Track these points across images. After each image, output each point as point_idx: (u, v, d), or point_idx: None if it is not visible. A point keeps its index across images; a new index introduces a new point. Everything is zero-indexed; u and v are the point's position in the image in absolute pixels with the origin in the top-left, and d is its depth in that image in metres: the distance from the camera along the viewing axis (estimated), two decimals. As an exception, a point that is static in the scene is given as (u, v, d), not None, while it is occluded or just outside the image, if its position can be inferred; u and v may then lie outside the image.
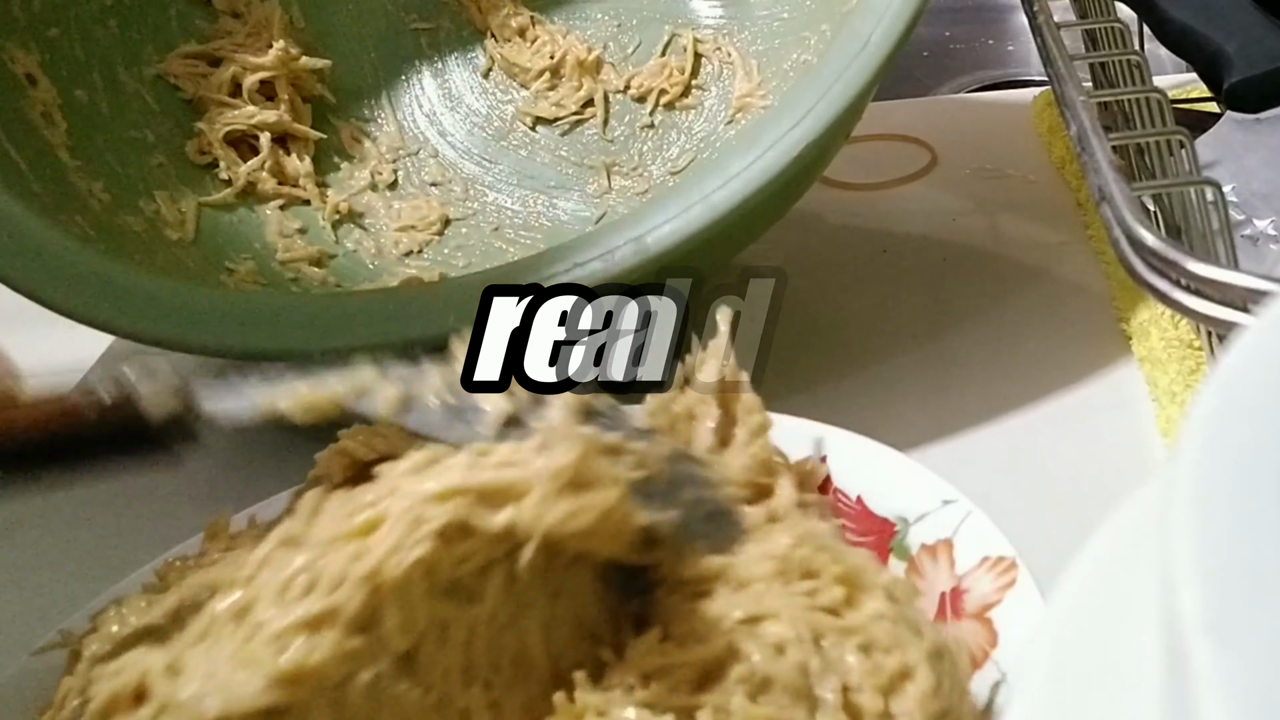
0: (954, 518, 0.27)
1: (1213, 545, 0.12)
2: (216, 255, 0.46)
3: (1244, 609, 0.11)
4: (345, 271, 0.48)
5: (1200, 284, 0.27)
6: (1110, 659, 0.14)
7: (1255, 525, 0.12)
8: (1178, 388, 0.36)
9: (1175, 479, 0.12)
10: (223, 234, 0.48)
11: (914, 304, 0.45)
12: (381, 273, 0.48)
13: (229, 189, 0.49)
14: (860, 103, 0.35)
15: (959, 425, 0.37)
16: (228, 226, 0.48)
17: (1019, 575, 0.25)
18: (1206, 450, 0.13)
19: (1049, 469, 0.35)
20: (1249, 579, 0.11)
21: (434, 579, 0.22)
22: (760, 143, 0.35)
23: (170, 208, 0.46)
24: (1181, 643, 0.11)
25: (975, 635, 0.25)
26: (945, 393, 0.39)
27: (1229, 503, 0.12)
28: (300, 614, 0.21)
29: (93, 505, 0.41)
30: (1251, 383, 0.13)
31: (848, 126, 0.41)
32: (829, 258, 0.49)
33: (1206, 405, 0.13)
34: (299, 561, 0.22)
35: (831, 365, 0.42)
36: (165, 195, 0.47)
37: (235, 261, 0.46)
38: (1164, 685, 0.12)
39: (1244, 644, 0.10)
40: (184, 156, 0.49)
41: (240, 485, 0.38)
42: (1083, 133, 0.34)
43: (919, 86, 0.81)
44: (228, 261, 0.46)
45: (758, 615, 0.23)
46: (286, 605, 0.22)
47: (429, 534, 0.22)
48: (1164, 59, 0.60)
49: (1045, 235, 0.49)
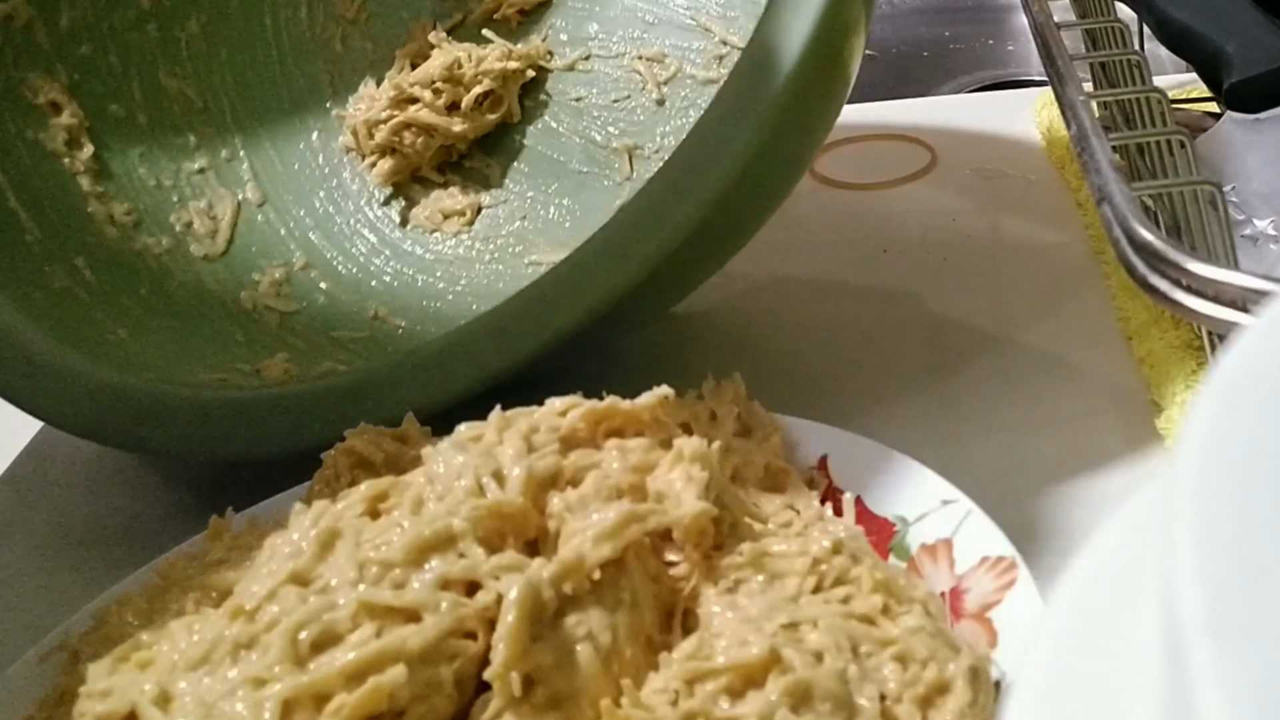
0: (954, 518, 0.28)
1: (1213, 545, 0.12)
2: (245, 265, 0.46)
3: (1244, 609, 0.11)
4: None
5: (1200, 284, 0.27)
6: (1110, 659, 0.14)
7: (1255, 525, 0.12)
8: (1177, 388, 0.36)
9: (1175, 479, 0.12)
10: (257, 239, 0.48)
11: (914, 304, 0.45)
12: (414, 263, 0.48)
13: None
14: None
15: (959, 425, 0.37)
16: (263, 229, 0.48)
17: (1019, 575, 0.25)
18: (1206, 450, 0.13)
19: (1049, 469, 0.35)
20: (1249, 579, 0.11)
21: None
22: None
23: (203, 218, 0.46)
24: (1181, 643, 0.11)
25: (975, 635, 0.25)
26: (945, 393, 0.39)
27: (1229, 503, 0.12)
28: (306, 681, 0.21)
29: (93, 505, 0.41)
30: (1251, 383, 0.13)
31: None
32: (829, 258, 0.49)
33: (1206, 405, 0.13)
34: (309, 608, 0.22)
35: (831, 365, 0.42)
36: (200, 205, 0.47)
37: (263, 272, 0.46)
38: (1164, 685, 0.12)
39: (1244, 644, 0.10)
40: (223, 160, 0.49)
41: (242, 485, 0.38)
42: (1083, 133, 0.34)
43: (919, 86, 0.81)
44: (255, 272, 0.46)
45: (796, 621, 0.24)
46: (291, 660, 0.22)
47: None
48: (1164, 59, 0.60)
49: (1045, 235, 0.49)
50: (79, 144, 0.44)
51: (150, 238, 0.45)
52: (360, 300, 0.47)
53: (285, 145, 0.51)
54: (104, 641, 0.27)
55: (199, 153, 0.48)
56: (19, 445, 0.45)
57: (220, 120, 0.49)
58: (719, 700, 0.22)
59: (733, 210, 0.34)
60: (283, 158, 0.50)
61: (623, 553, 0.24)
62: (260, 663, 0.22)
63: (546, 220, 0.48)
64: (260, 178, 0.49)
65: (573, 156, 0.49)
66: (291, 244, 0.48)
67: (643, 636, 0.24)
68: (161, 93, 0.48)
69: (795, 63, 0.31)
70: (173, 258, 0.45)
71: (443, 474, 0.25)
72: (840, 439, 0.31)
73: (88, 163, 0.44)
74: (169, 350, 0.41)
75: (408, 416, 0.32)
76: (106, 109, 0.46)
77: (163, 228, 0.46)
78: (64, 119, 0.44)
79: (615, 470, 0.26)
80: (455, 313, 0.46)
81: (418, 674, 0.22)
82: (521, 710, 0.22)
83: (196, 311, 0.44)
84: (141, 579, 0.30)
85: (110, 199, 0.44)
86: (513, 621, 0.22)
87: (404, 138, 0.49)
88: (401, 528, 0.24)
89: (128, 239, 0.44)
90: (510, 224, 0.49)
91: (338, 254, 0.48)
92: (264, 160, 0.50)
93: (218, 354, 0.42)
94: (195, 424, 0.36)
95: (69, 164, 0.44)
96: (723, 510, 0.26)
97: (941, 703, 0.22)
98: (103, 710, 0.23)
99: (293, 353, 0.43)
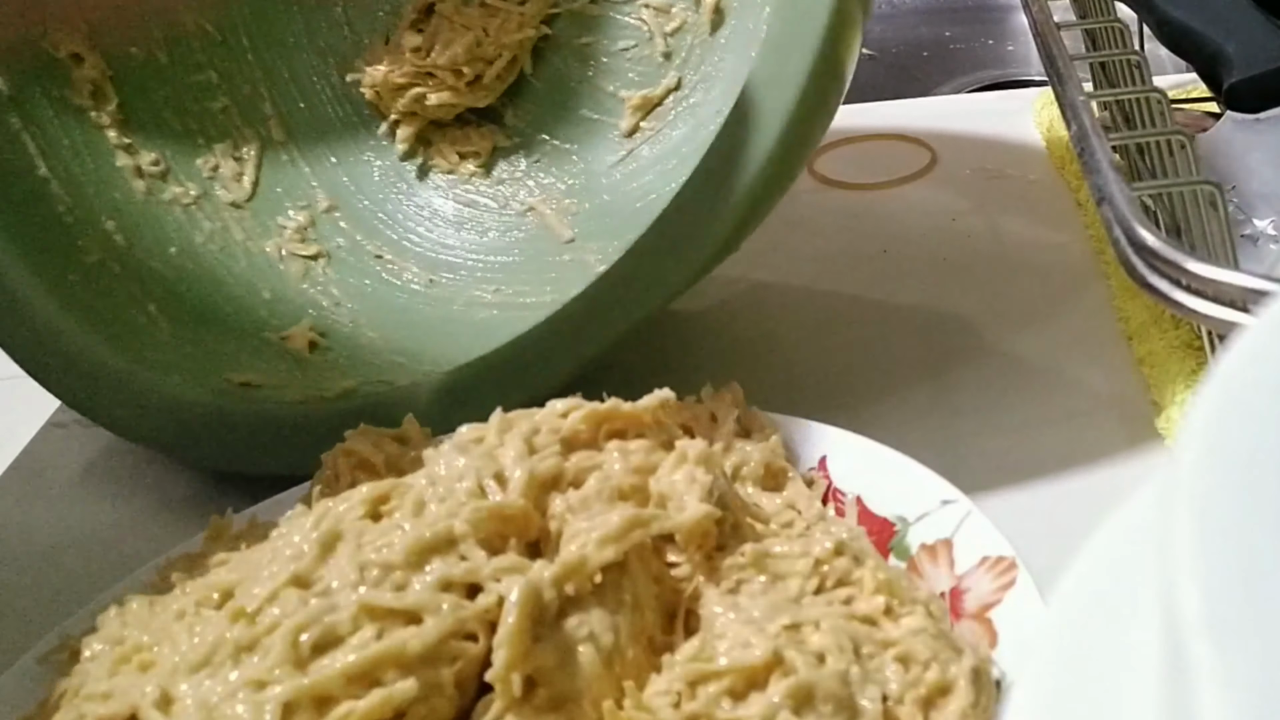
0: (953, 518, 0.28)
1: (1213, 545, 0.12)
2: (271, 209, 0.47)
3: (1244, 609, 0.11)
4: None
5: (1200, 284, 0.27)
6: (1110, 658, 0.14)
7: (1255, 525, 0.12)
8: (1178, 388, 0.36)
9: (1175, 479, 0.12)
10: (282, 179, 0.48)
11: (914, 304, 0.45)
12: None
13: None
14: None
15: (959, 425, 0.37)
16: (286, 169, 0.48)
17: (1019, 575, 0.25)
18: (1206, 450, 0.13)
19: (1049, 469, 0.35)
20: (1249, 579, 0.11)
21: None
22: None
23: (228, 160, 0.47)
24: (1181, 642, 0.11)
25: (975, 635, 0.25)
26: (945, 393, 0.39)
27: (1229, 503, 0.12)
28: (307, 683, 0.21)
29: (93, 505, 0.41)
30: (1251, 383, 0.13)
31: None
32: (829, 258, 0.49)
33: (1206, 405, 0.13)
34: (310, 610, 0.22)
35: (831, 365, 0.42)
36: (226, 146, 0.47)
37: (288, 216, 0.47)
38: (1164, 685, 0.12)
39: (1244, 644, 0.10)
40: (244, 96, 0.49)
41: (242, 485, 0.38)
42: (1083, 133, 0.34)
43: (919, 86, 0.81)
44: (280, 216, 0.47)
45: (798, 623, 0.24)
46: (292, 662, 0.22)
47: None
48: (1164, 59, 0.60)
49: (1045, 235, 0.49)
50: (104, 95, 0.45)
51: (178, 187, 0.46)
52: (379, 245, 0.48)
53: (304, 78, 0.51)
54: (104, 642, 0.27)
55: (220, 90, 0.48)
56: (19, 445, 0.45)
57: (239, 55, 0.49)
58: (721, 702, 0.22)
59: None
60: (302, 91, 0.50)
61: (625, 554, 0.24)
62: (261, 665, 0.22)
63: (558, 164, 0.49)
64: (282, 112, 0.50)
65: (581, 103, 0.49)
66: (315, 183, 0.49)
67: (645, 637, 0.24)
68: (180, 29, 0.48)
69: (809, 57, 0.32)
70: (200, 207, 0.46)
71: (444, 476, 0.25)
72: (840, 439, 0.31)
73: (113, 114, 0.45)
74: (202, 317, 0.42)
75: (408, 418, 0.32)
76: (127, 53, 0.46)
77: (190, 174, 0.46)
78: (86, 70, 0.44)
79: (617, 472, 0.26)
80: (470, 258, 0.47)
81: (418, 675, 0.22)
82: (523, 712, 0.22)
83: (224, 267, 0.45)
84: (142, 579, 0.30)
85: (137, 151, 0.45)
86: (514, 622, 0.22)
87: (426, 106, 0.49)
88: (403, 530, 0.24)
89: (156, 191, 0.45)
90: (521, 164, 0.50)
91: (359, 193, 0.49)
92: (284, 94, 0.50)
93: (247, 318, 0.43)
94: (226, 435, 0.38)
95: (95, 117, 0.44)
96: (725, 511, 0.26)
97: (943, 704, 0.22)
98: (104, 712, 0.23)
99: (317, 313, 0.44)
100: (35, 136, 0.43)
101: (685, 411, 0.31)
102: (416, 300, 0.45)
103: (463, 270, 0.47)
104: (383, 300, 0.45)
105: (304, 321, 0.43)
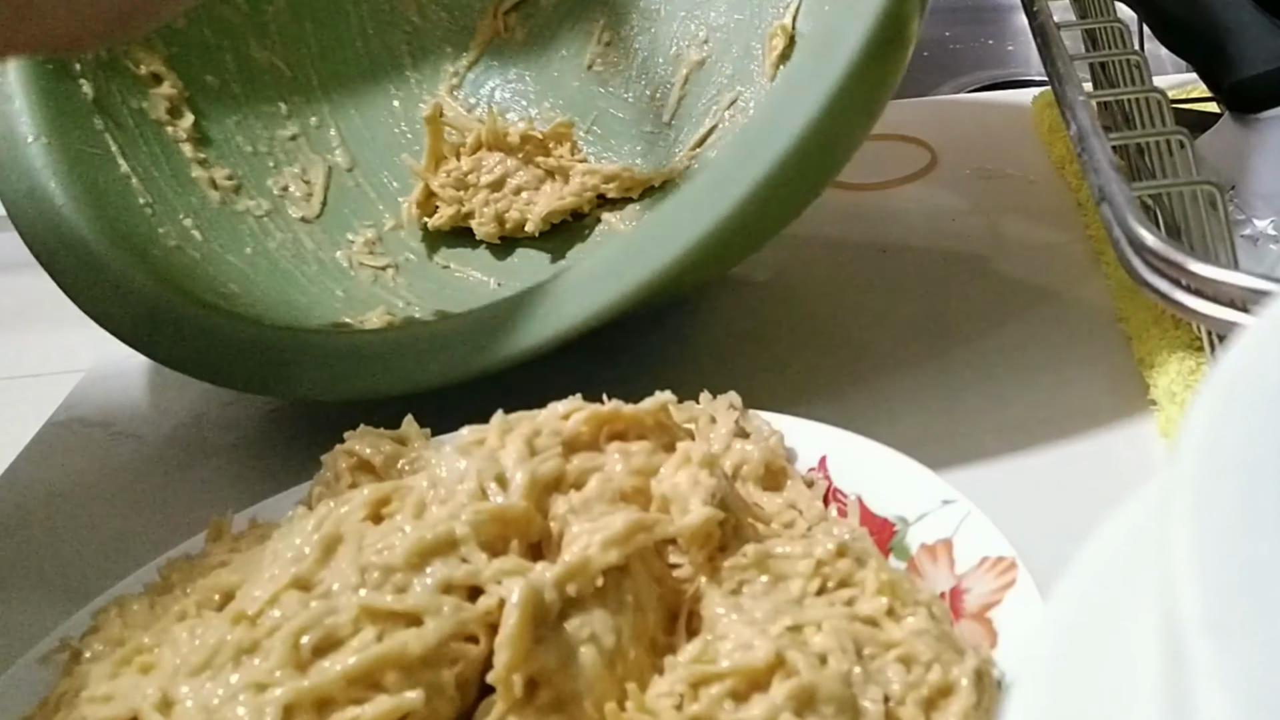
0: (953, 518, 0.28)
1: (1213, 545, 0.12)
2: (340, 226, 0.49)
3: (1244, 609, 0.11)
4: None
5: (1200, 284, 0.27)
6: (1110, 659, 0.14)
7: (1255, 525, 0.12)
8: (1178, 388, 0.36)
9: (1175, 479, 0.12)
10: (349, 201, 0.50)
11: (913, 304, 0.45)
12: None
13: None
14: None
15: (958, 425, 0.37)
16: (353, 193, 0.50)
17: (1019, 575, 0.25)
18: (1206, 450, 0.13)
19: (1049, 469, 0.35)
20: (1249, 579, 0.11)
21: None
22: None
23: (298, 182, 0.49)
24: (1181, 643, 0.11)
25: (975, 635, 0.25)
26: (945, 393, 0.39)
27: (1229, 503, 0.12)
28: (307, 686, 0.21)
29: (93, 505, 0.41)
30: (1251, 383, 0.13)
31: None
32: (828, 258, 0.49)
33: (1206, 405, 0.13)
34: (311, 612, 0.22)
35: (831, 365, 0.42)
36: (295, 169, 0.49)
37: (356, 231, 0.49)
38: (1164, 685, 0.12)
39: (1244, 644, 0.11)
40: (312, 127, 0.51)
41: (242, 485, 0.38)
42: (1083, 133, 0.34)
43: (919, 86, 0.81)
44: (349, 233, 0.49)
45: (800, 624, 0.24)
46: (292, 664, 0.22)
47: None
48: (1164, 59, 0.61)
49: (1045, 235, 0.49)
50: (180, 113, 0.47)
51: (250, 200, 0.47)
52: (446, 258, 0.49)
53: (370, 112, 0.53)
54: (104, 643, 0.27)
55: (290, 120, 0.51)
56: (19, 445, 0.45)
57: (308, 89, 0.52)
58: (723, 703, 0.22)
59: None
60: (368, 124, 0.53)
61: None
62: (262, 667, 0.22)
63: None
64: (348, 143, 0.52)
65: (629, 111, 0.51)
66: (381, 205, 0.51)
67: (647, 638, 0.24)
68: (252, 64, 0.50)
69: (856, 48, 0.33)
70: (272, 219, 0.47)
71: (445, 478, 0.25)
72: (840, 439, 0.31)
73: (189, 131, 0.47)
74: (278, 304, 0.43)
75: (407, 419, 0.32)
76: (203, 79, 0.48)
77: (261, 191, 0.48)
78: (165, 89, 0.47)
79: (618, 473, 0.26)
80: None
81: (419, 677, 0.22)
82: (525, 713, 0.22)
83: (297, 269, 0.46)
84: (142, 579, 0.30)
85: (211, 165, 0.47)
86: (515, 623, 0.22)
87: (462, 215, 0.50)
88: (404, 532, 0.24)
89: (230, 202, 0.47)
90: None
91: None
92: (350, 127, 0.53)
93: (321, 309, 0.44)
94: (322, 367, 0.38)
95: (172, 132, 0.46)
96: (727, 512, 0.26)
97: (945, 705, 0.22)
98: (105, 714, 0.23)
99: (390, 307, 0.45)
100: (116, 138, 0.44)
101: (685, 413, 0.31)
102: (489, 296, 0.46)
103: (529, 277, 0.47)
104: (454, 296, 0.47)
105: (379, 308, 0.44)
